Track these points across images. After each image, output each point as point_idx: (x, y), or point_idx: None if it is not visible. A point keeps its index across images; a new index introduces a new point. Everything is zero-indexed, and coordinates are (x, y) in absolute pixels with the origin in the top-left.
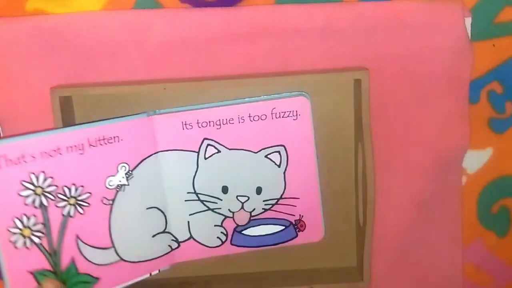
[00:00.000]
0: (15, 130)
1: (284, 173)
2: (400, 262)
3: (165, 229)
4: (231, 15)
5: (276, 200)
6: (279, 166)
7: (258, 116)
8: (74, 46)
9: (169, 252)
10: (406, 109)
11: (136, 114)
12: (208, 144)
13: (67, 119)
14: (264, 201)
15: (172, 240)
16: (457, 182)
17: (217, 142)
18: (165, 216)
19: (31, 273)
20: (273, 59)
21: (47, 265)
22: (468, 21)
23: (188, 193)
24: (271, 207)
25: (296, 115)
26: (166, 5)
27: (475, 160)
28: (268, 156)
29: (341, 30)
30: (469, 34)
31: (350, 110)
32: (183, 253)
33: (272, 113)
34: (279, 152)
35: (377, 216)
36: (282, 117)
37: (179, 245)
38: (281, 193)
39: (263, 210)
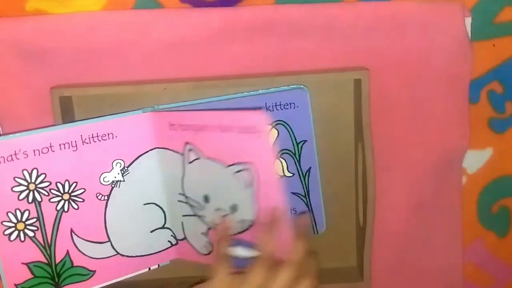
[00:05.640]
0: (15, 130)
1: (255, 193)
2: (400, 262)
3: (164, 224)
4: (231, 15)
5: (250, 222)
6: (249, 186)
7: (226, 128)
8: (74, 46)
9: (168, 247)
10: (406, 109)
11: (131, 111)
12: (190, 149)
13: (67, 119)
14: (239, 221)
15: (172, 236)
16: (457, 182)
17: (196, 148)
18: (164, 212)
19: (26, 265)
20: (273, 59)
21: (41, 258)
22: (468, 21)
23: (179, 194)
24: (247, 229)
25: (257, 132)
26: (166, 5)
27: (475, 160)
28: (237, 173)
29: (341, 30)
30: (469, 34)
31: (350, 110)
32: (182, 251)
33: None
34: (248, 170)
35: (377, 216)
36: (246, 133)
37: (177, 242)
38: (254, 215)
39: (240, 231)
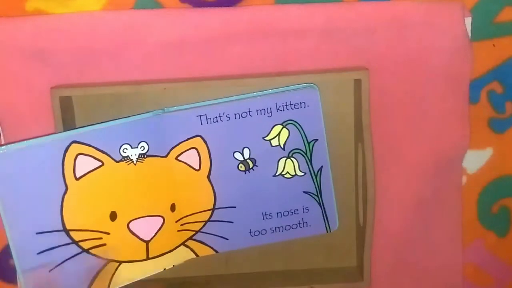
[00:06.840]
0: (15, 130)
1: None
2: (400, 262)
3: None
4: (231, 15)
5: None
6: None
7: None
8: (74, 46)
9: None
10: (406, 109)
11: (138, 114)
12: None
13: (67, 119)
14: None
15: None
16: (457, 182)
17: None
18: None
19: None
20: (273, 59)
21: None
22: (468, 21)
23: None
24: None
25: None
26: (166, 5)
27: (475, 160)
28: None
29: (341, 30)
30: (469, 34)
31: (350, 110)
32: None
33: None
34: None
35: (377, 216)
36: None
37: None
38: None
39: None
